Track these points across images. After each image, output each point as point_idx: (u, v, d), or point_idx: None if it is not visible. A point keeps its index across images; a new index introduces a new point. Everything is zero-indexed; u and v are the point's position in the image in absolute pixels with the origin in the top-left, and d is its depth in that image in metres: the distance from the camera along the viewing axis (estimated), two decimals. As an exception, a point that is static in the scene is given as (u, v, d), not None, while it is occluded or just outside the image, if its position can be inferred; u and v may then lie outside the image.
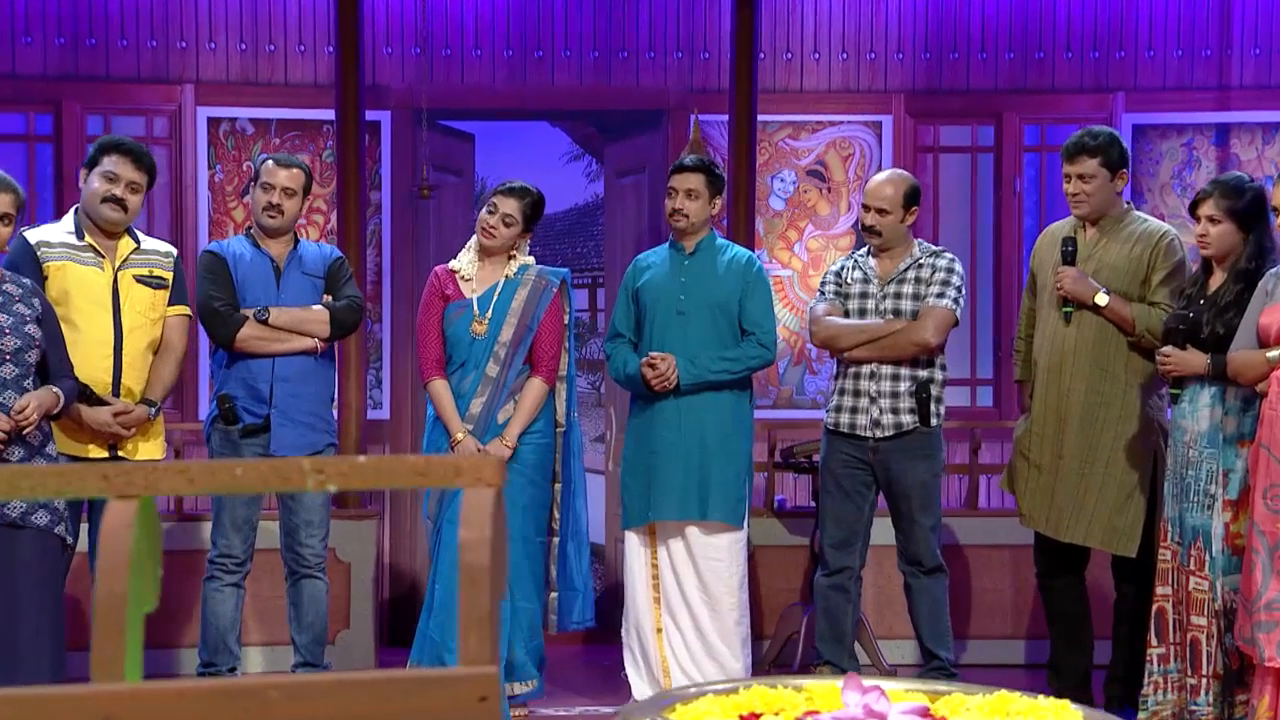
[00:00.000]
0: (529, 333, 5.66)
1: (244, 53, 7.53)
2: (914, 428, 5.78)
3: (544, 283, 5.72)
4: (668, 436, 5.77)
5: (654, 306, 5.85)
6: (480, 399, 5.62)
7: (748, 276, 5.84)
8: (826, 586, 5.92)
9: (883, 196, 5.82)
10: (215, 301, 5.61)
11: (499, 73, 7.66)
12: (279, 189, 5.66)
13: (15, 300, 4.74)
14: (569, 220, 7.62)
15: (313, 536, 5.70)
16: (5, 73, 7.38)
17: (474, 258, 5.74)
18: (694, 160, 5.91)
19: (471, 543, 1.80)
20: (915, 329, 5.76)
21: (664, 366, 5.72)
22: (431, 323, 5.70)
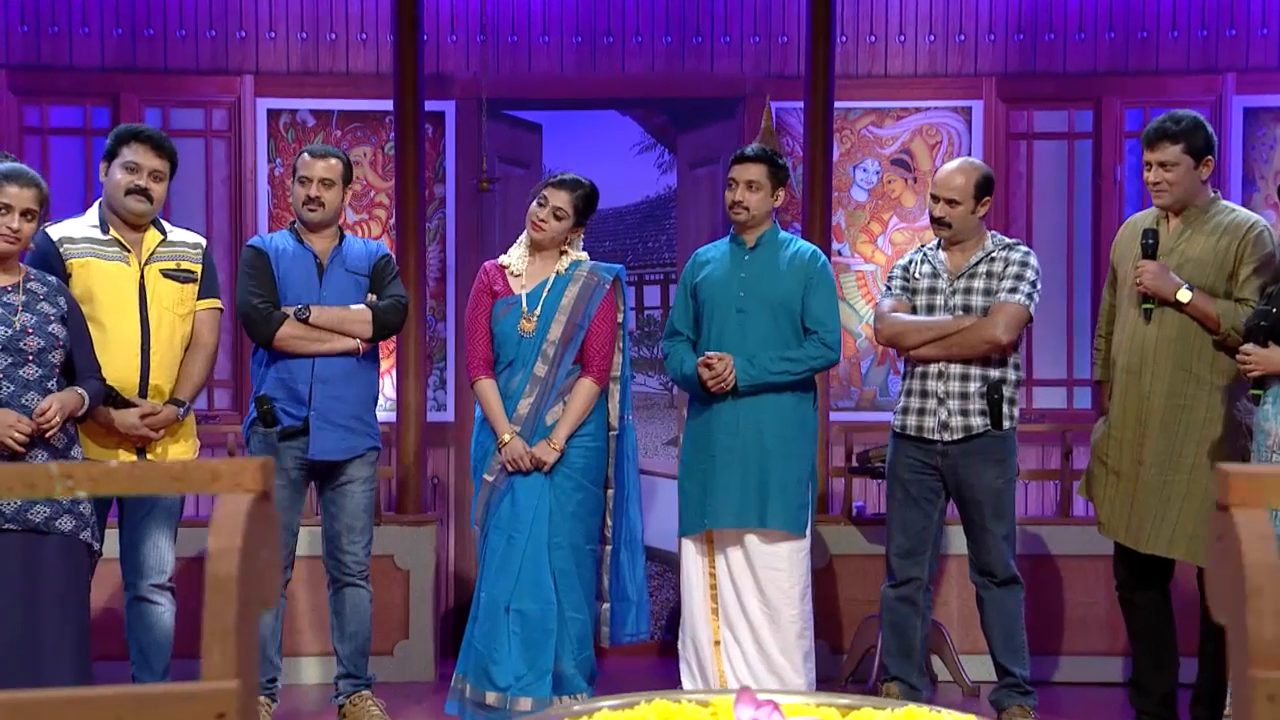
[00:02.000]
0: (579, 331, 5.63)
1: (304, 42, 7.58)
2: (984, 430, 5.66)
3: (596, 279, 5.68)
4: (725, 440, 5.70)
5: (712, 303, 5.79)
6: (528, 399, 5.59)
7: (811, 272, 5.75)
8: (893, 599, 5.83)
9: (952, 186, 5.71)
10: (255, 299, 5.63)
11: (567, 60, 7.64)
12: (316, 181, 5.68)
13: (39, 299, 4.79)
14: (640, 213, 7.57)
15: (355, 543, 5.70)
16: (62, 65, 7.49)
17: (524, 252, 5.72)
18: (755, 150, 5.84)
19: (220, 551, 1.74)
20: (985, 326, 5.64)
21: (721, 367, 5.65)
22: (479, 320, 5.69)
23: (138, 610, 5.31)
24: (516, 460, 5.54)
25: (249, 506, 1.78)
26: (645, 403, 7.46)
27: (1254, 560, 1.65)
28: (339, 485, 5.70)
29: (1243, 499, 1.71)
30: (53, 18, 7.48)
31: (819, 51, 7.07)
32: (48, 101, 7.50)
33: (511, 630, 5.48)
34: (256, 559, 1.76)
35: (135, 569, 5.29)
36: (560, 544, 5.55)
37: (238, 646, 1.69)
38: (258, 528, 1.78)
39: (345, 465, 5.70)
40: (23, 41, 7.48)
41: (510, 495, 5.57)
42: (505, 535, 5.55)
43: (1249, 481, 1.72)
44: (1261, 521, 1.73)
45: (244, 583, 1.71)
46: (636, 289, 7.62)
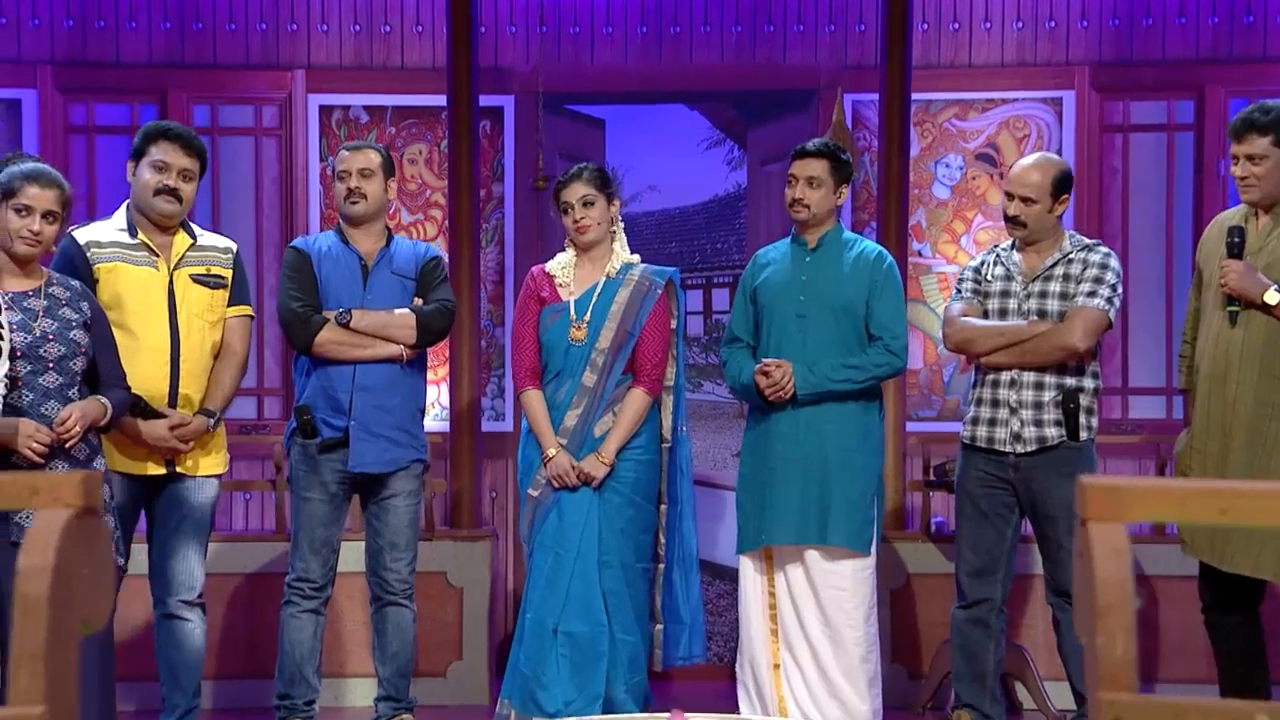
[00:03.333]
0: (630, 339, 5.62)
1: (358, 35, 7.63)
2: (1059, 442, 5.58)
3: (648, 283, 5.66)
4: (784, 452, 5.67)
5: (772, 307, 5.76)
6: (576, 411, 5.59)
7: (876, 274, 5.70)
8: (964, 620, 5.76)
9: (1028, 183, 5.64)
10: (294, 302, 5.66)
11: (631, 51, 7.63)
12: (355, 173, 5.71)
13: (62, 304, 4.85)
14: (708, 213, 7.54)
15: (398, 560, 5.71)
16: (109, 61, 7.59)
17: (571, 257, 5.72)
18: (816, 144, 5.81)
19: (31, 570, 1.72)
20: (1060, 331, 5.56)
21: (779, 374, 5.62)
22: (526, 328, 5.69)
23: (167, 628, 5.37)
24: (563, 475, 5.53)
25: (66, 523, 1.76)
26: (713, 412, 7.44)
27: (1105, 577, 1.63)
28: (382, 499, 5.71)
29: (1099, 513, 1.68)
30: (99, 12, 7.58)
31: (895, 40, 7.01)
32: (94, 99, 7.61)
33: (560, 653, 5.47)
34: (74, 578, 1.74)
35: (164, 585, 5.35)
36: (610, 562, 5.54)
37: (47, 671, 1.67)
38: (77, 545, 1.76)
39: (388, 478, 5.71)
40: (68, 37, 7.59)
41: (557, 511, 5.57)
42: (552, 553, 5.55)
43: (1106, 495, 1.70)
44: (1117, 536, 1.70)
45: (57, 604, 1.69)
46: (704, 292, 7.59)
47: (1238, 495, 1.75)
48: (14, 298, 4.80)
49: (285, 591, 5.73)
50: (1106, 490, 1.71)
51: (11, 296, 4.80)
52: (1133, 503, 1.73)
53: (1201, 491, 1.76)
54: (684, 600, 5.70)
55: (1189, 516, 1.76)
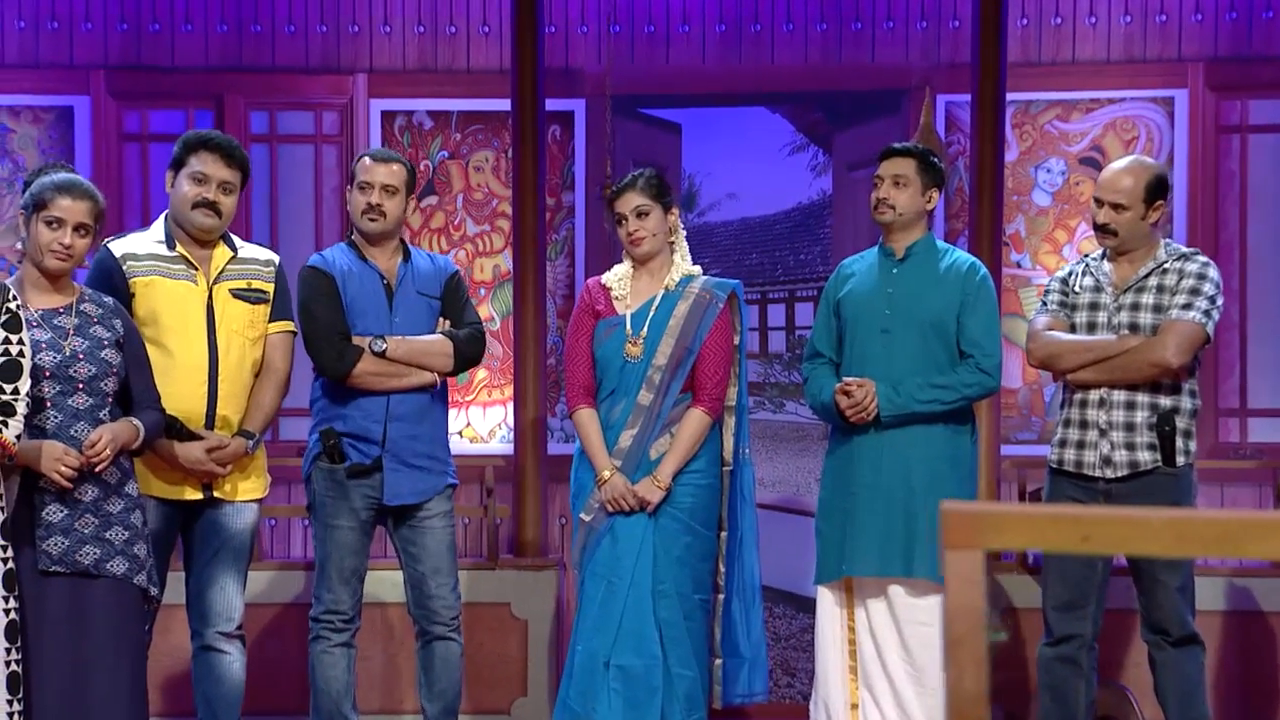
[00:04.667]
0: (689, 355, 5.60)
1: (422, 36, 7.70)
2: (1154, 467, 5.50)
3: (709, 296, 5.65)
4: (867, 477, 5.63)
5: (855, 321, 5.73)
6: (631, 431, 5.58)
7: (968, 286, 5.65)
8: (1052, 658, 5.69)
9: (1119, 188, 5.57)
10: (325, 329, 5.65)
11: (710, 52, 7.64)
12: (378, 187, 5.69)
13: (93, 322, 4.93)
14: (790, 221, 7.52)
15: (443, 586, 5.71)
16: (164, 65, 7.72)
17: (629, 269, 5.72)
18: (905, 144, 5.79)
19: None
20: (1153, 347, 5.49)
21: (860, 394, 5.58)
22: (581, 343, 5.70)
23: (205, 660, 5.42)
24: (617, 499, 5.53)
25: None
26: (796, 434, 7.41)
27: (958, 607, 1.62)
28: (415, 525, 5.70)
29: (957, 540, 1.67)
30: (154, 15, 7.72)
31: (989, 36, 6.96)
32: (148, 105, 7.74)
33: (612, 688, 5.47)
34: None
35: (201, 616, 5.40)
36: (666, 592, 5.53)
37: None
38: None
39: (424, 503, 5.73)
40: (121, 41, 7.72)
41: (611, 537, 5.57)
42: (604, 582, 5.55)
43: (964, 521, 1.68)
44: (973, 565, 1.69)
45: None
46: (787, 306, 7.57)
47: (1099, 522, 1.73)
48: (44, 315, 4.88)
49: (312, 627, 5.71)
50: (965, 516, 1.70)
51: (41, 314, 4.88)
52: (992, 529, 1.72)
53: (1063, 518, 1.75)
54: (744, 634, 5.68)
55: (1050, 544, 1.74)
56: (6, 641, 4.64)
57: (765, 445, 7.57)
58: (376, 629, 6.67)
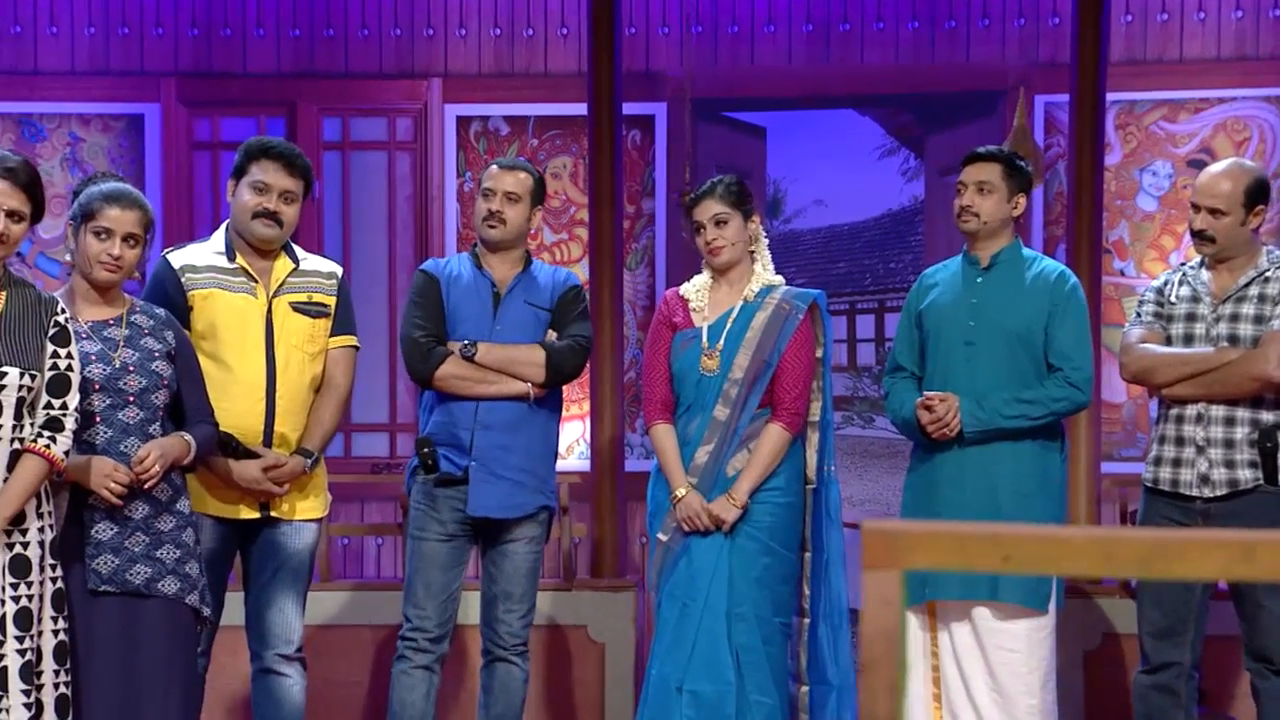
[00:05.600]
0: (767, 368, 5.55)
1: (498, 39, 7.72)
2: (1255, 485, 5.39)
3: (788, 307, 5.60)
4: (950, 496, 5.56)
5: (938, 333, 5.67)
6: (706, 447, 5.54)
7: (1057, 296, 5.58)
8: (1147, 687, 5.60)
9: (1217, 193, 5.47)
10: (417, 331, 5.69)
11: (796, 52, 7.60)
12: (501, 194, 5.70)
13: (144, 334, 4.95)
14: (880, 229, 7.46)
15: (511, 612, 5.70)
16: (235, 71, 7.78)
17: (708, 279, 5.69)
18: (989, 148, 5.73)
19: None
20: (1254, 359, 5.38)
21: (943, 409, 5.52)
22: (658, 357, 5.67)
23: (264, 683, 5.44)
24: (693, 518, 5.50)
25: None
26: (886, 450, 7.35)
27: (872, 630, 1.60)
28: (500, 545, 5.72)
29: (875, 560, 1.64)
30: (225, 19, 7.78)
31: (1088, 34, 6.87)
32: (218, 113, 7.80)
33: (685, 714, 5.43)
34: None
35: (260, 638, 5.42)
36: (743, 615, 5.48)
37: None
38: None
39: (511, 524, 5.71)
40: (193, 47, 7.79)
41: (687, 558, 5.53)
42: (679, 604, 5.51)
43: (883, 540, 1.65)
44: (890, 586, 1.66)
45: None
46: (876, 317, 7.51)
47: (1020, 541, 1.70)
48: (93, 327, 4.91)
49: (398, 645, 5.75)
50: (881, 535, 1.67)
51: (91, 326, 4.90)
52: (909, 548, 1.69)
53: (982, 536, 1.72)
54: (832, 659, 5.61)
55: (969, 563, 1.71)
56: (56, 663, 4.65)
57: (855, 462, 7.52)
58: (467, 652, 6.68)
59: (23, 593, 4.56)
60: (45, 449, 4.58)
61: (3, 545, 4.55)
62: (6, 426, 4.56)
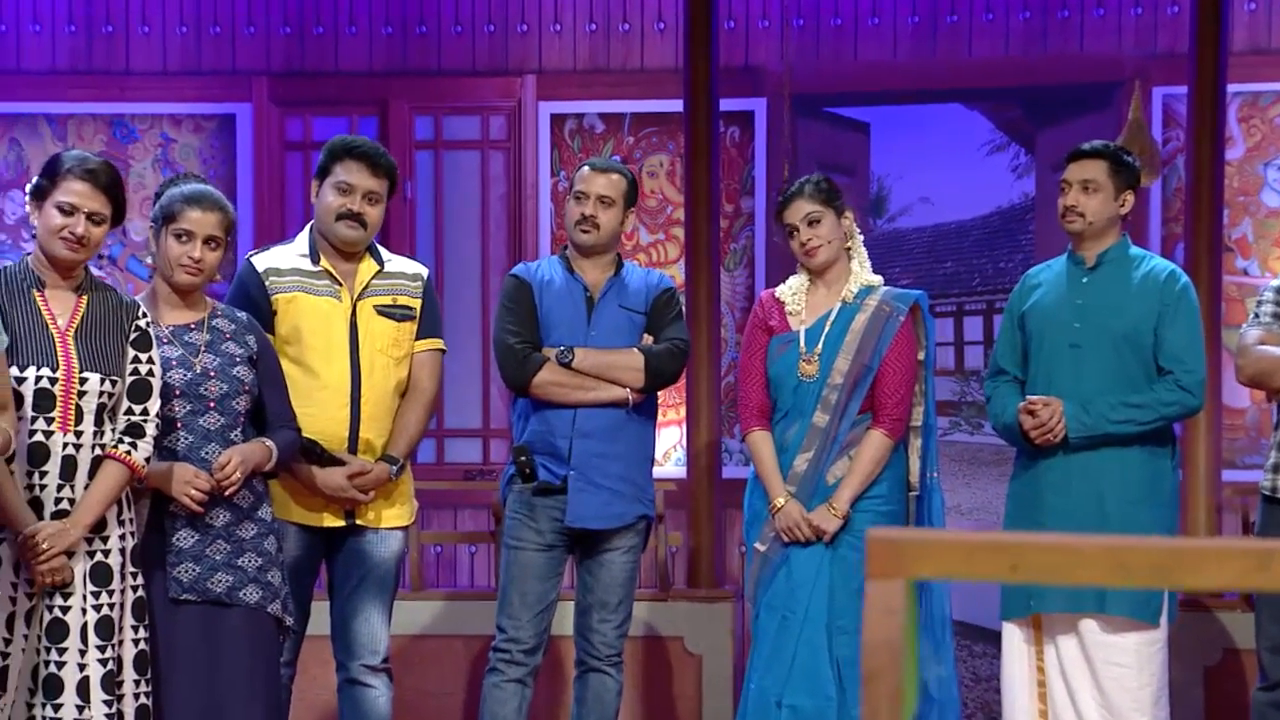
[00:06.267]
0: (868, 373, 5.53)
1: (593, 35, 7.73)
2: (1379, 494, 5.31)
3: (889, 309, 5.57)
4: (1055, 503, 5.51)
5: (1041, 335, 5.62)
6: (806, 454, 5.52)
7: (1167, 296, 5.52)
8: (1265, 704, 5.53)
9: (1339, 187, 5.39)
10: (512, 338, 5.70)
11: (901, 45, 7.56)
12: (594, 198, 5.70)
13: (225, 338, 5.00)
14: (989, 227, 7.40)
15: (606, 621, 5.71)
16: (327, 70, 7.84)
17: (804, 281, 5.67)
18: (1094, 144, 5.67)
19: None
20: (1378, 363, 5.29)
21: (1046, 414, 5.47)
22: (753, 362, 5.66)
23: (350, 695, 5.47)
24: (791, 528, 5.48)
25: None
26: (995, 458, 7.29)
27: (874, 640, 1.61)
28: (597, 554, 5.73)
29: (880, 569, 1.63)
30: (317, 18, 7.84)
31: (1208, 23, 6.81)
32: (310, 112, 7.87)
33: (784, 730, 5.42)
34: None
35: (346, 648, 5.45)
36: (845, 628, 5.45)
37: None
38: None
39: (611, 533, 5.72)
40: (285, 45, 7.86)
41: (786, 569, 5.51)
42: (778, 615, 5.50)
43: (888, 549, 1.63)
44: (894, 595, 1.64)
45: None
46: (984, 319, 7.45)
47: (1028, 549, 1.68)
48: (174, 331, 4.96)
49: (490, 657, 5.77)
50: (887, 543, 1.66)
51: (172, 330, 4.95)
52: (915, 557, 1.67)
53: (989, 545, 1.70)
54: (933, 674, 5.58)
55: (977, 572, 1.70)
56: (136, 673, 4.69)
57: (963, 469, 7.46)
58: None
59: (104, 601, 4.61)
60: (126, 455, 4.64)
61: (84, 553, 4.60)
62: (88, 433, 4.62)
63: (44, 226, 4.64)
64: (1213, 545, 1.64)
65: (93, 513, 4.58)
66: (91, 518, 4.58)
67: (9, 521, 4.52)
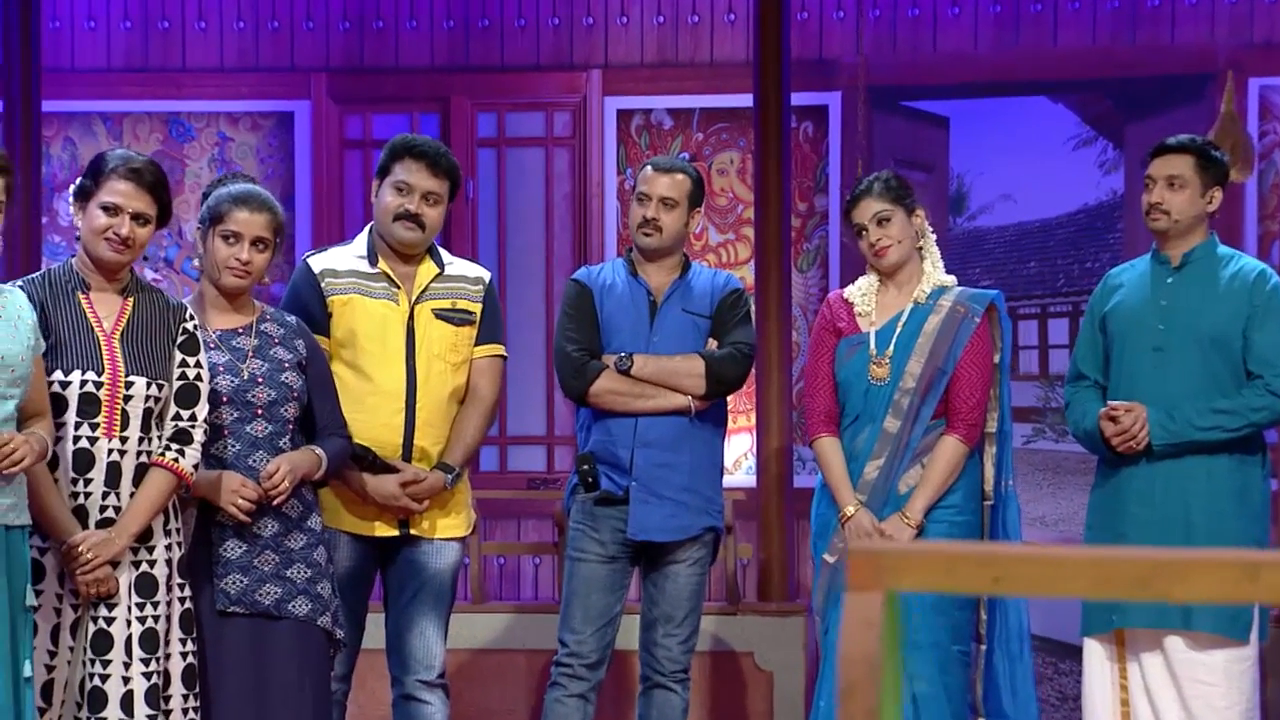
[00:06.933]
0: (941, 376, 5.50)
1: (661, 27, 7.74)
2: None
3: (964, 310, 5.55)
4: (1138, 514, 5.47)
5: (1123, 338, 5.58)
6: (876, 462, 5.51)
7: (1256, 298, 5.47)
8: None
9: None
10: (570, 345, 5.71)
11: (982, 36, 7.54)
12: (656, 200, 5.71)
13: (274, 343, 5.03)
14: (1074, 225, 7.36)
15: (671, 636, 5.71)
16: (387, 66, 7.89)
17: (874, 281, 5.66)
18: (1180, 139, 5.62)
19: None
20: None
21: (1129, 420, 5.43)
22: (821, 365, 5.64)
23: (405, 710, 5.48)
24: (862, 537, 5.47)
25: None
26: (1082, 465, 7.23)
27: (850, 654, 1.61)
28: (663, 566, 5.74)
29: (860, 581, 1.62)
30: (377, 12, 7.90)
31: (1301, 9, 6.75)
32: (370, 109, 7.93)
33: (853, 749, 5.41)
34: None
35: (401, 662, 5.46)
36: (919, 643, 5.43)
37: None
38: None
39: (676, 545, 5.73)
40: (344, 41, 7.92)
41: (853, 582, 5.50)
42: (849, 630, 5.49)
43: (868, 561, 1.62)
44: (872, 607, 1.63)
45: None
46: (1070, 321, 7.42)
47: (1011, 561, 1.68)
48: (222, 336, 4.99)
49: (552, 672, 5.79)
50: (868, 556, 1.66)
51: (219, 334, 4.98)
52: (896, 569, 1.68)
53: (972, 557, 1.70)
54: (1009, 691, 5.55)
55: (959, 585, 1.70)
56: (184, 687, 4.73)
57: (1048, 478, 7.43)
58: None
59: (149, 613, 4.64)
60: (173, 462, 4.67)
61: (129, 563, 4.62)
62: (133, 439, 4.65)
63: (88, 227, 4.68)
64: (1199, 555, 1.65)
65: (138, 521, 4.62)
66: (137, 526, 4.61)
67: (52, 530, 4.55)
